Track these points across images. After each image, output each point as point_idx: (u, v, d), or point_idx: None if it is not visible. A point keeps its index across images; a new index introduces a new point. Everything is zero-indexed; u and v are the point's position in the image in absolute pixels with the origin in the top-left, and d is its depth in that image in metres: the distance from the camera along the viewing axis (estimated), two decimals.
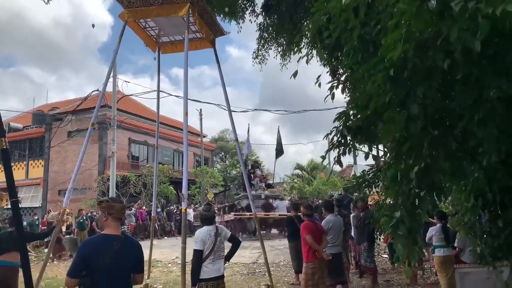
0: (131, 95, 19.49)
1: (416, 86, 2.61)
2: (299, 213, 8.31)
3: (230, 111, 8.91)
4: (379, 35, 2.93)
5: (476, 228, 5.79)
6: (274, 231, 17.34)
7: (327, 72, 8.54)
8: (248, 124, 21.36)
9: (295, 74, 4.71)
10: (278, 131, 22.78)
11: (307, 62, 5.11)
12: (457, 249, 6.98)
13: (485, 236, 5.73)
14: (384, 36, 2.62)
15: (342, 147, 3.81)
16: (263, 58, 10.83)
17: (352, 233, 8.43)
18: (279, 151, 20.81)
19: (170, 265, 11.76)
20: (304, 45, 7.79)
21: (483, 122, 2.75)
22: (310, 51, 8.13)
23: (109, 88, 16.58)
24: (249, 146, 20.19)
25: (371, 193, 6.16)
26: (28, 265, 3.78)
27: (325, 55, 5.78)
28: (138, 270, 3.21)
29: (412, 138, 3.07)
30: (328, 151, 3.87)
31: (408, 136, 3.16)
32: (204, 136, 31.21)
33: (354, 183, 6.29)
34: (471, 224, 5.94)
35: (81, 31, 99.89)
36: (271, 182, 20.33)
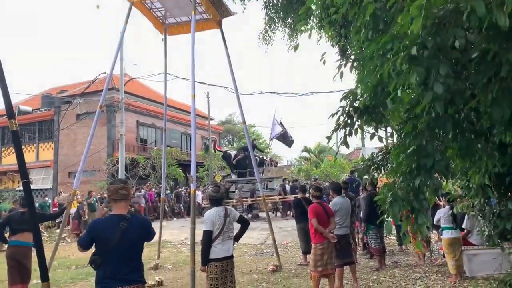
0: (138, 77, 19.48)
1: (436, 65, 2.55)
2: (306, 195, 8.37)
3: (237, 94, 8.88)
4: (391, 10, 2.86)
5: (486, 211, 5.77)
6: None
7: (336, 52, 8.43)
8: (275, 110, 21.17)
9: (296, 47, 4.63)
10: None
11: (309, 36, 5.01)
12: (465, 230, 6.98)
13: (494, 218, 5.72)
14: (400, 12, 2.55)
15: (349, 128, 3.76)
16: (269, 39, 10.67)
17: (361, 215, 8.46)
18: (285, 138, 19.87)
19: (179, 245, 11.94)
20: (310, 22, 7.68)
21: (496, 101, 2.70)
22: (319, 29, 8.02)
23: (117, 71, 16.57)
24: (274, 129, 19.80)
25: (380, 176, 6.14)
26: (41, 244, 3.87)
27: (332, 32, 5.69)
28: (148, 241, 3.38)
29: (413, 118, 3.04)
30: (334, 131, 3.83)
31: (412, 117, 3.12)
32: (211, 119, 31.17)
33: (362, 165, 6.27)
34: (481, 206, 5.92)
35: (89, 14, 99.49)
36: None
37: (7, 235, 6.76)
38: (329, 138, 4.02)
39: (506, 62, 2.45)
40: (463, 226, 6.99)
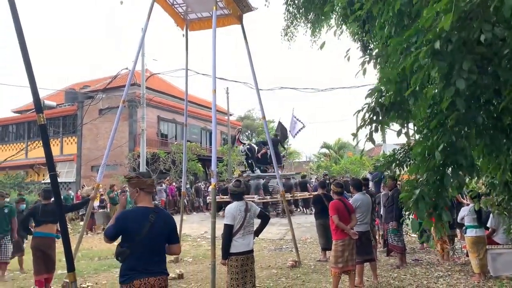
0: (159, 73, 19.68)
1: (460, 60, 2.50)
2: (325, 192, 8.33)
3: (257, 89, 8.89)
4: (415, 6, 2.81)
5: (511, 208, 5.63)
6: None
7: (357, 48, 8.33)
8: (293, 108, 20.75)
9: (322, 46, 4.60)
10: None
11: (334, 33, 4.97)
12: (489, 229, 6.83)
13: None
14: (426, 7, 2.51)
15: (374, 124, 3.72)
16: (291, 35, 10.61)
17: (381, 212, 8.37)
18: (283, 135, 19.68)
19: (199, 239, 12.08)
20: (334, 18, 7.60)
21: None
22: (340, 25, 7.94)
23: (138, 67, 16.80)
24: (295, 126, 19.63)
25: (402, 172, 6.05)
26: (67, 235, 3.99)
27: (356, 29, 5.62)
28: (173, 240, 3.32)
29: (440, 114, 2.98)
30: (359, 128, 3.79)
31: (437, 113, 3.06)
32: (230, 115, 31.30)
33: (383, 161, 6.20)
34: (506, 204, 5.77)
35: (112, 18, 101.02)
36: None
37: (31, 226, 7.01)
38: (354, 135, 3.99)
39: None
40: (488, 224, 6.83)
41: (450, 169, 3.12)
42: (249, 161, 18.22)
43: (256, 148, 18.44)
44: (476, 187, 7.98)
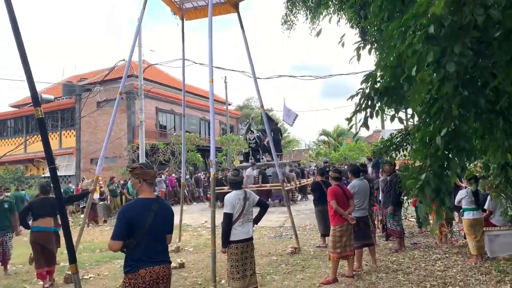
0: (156, 64, 19.59)
1: (452, 44, 2.51)
2: (324, 179, 8.38)
3: (255, 78, 8.87)
4: None
5: (508, 190, 5.69)
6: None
7: (355, 34, 8.31)
8: (284, 98, 20.70)
9: (318, 33, 4.60)
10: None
11: (329, 21, 4.97)
12: (487, 211, 6.90)
13: None
14: None
15: (369, 110, 3.74)
16: (291, 24, 10.56)
17: (380, 197, 8.44)
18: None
19: (199, 229, 12.17)
20: (332, 5, 7.56)
21: None
22: (338, 12, 7.92)
23: (135, 57, 16.71)
24: (289, 115, 19.64)
25: (398, 157, 6.09)
26: (68, 227, 4.03)
27: (352, 15, 5.62)
28: (169, 230, 3.39)
29: (442, 99, 2.98)
30: (354, 113, 3.82)
31: (437, 98, 3.07)
32: (229, 104, 31.24)
33: (381, 146, 6.23)
34: (503, 187, 5.83)
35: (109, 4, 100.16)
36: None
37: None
38: (349, 120, 4.01)
39: None
40: (485, 207, 6.90)
41: (451, 153, 3.14)
42: (258, 149, 18.00)
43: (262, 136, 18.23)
44: (474, 170, 8.05)
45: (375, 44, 4.46)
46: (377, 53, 4.78)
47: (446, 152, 3.08)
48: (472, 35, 2.61)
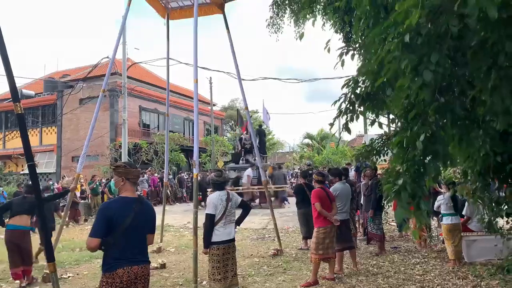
0: (140, 62, 19.45)
1: (429, 52, 2.57)
2: (307, 181, 8.43)
3: (240, 79, 8.87)
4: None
5: (485, 197, 5.82)
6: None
7: (339, 39, 8.38)
8: (263, 100, 20.92)
9: (301, 36, 4.64)
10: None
11: (313, 24, 5.02)
12: (465, 217, 7.04)
13: (493, 204, 5.77)
14: (398, 1, 2.57)
15: (350, 114, 3.79)
16: (278, 27, 10.56)
17: (361, 201, 8.52)
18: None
19: (182, 229, 12.08)
20: (315, 9, 7.61)
21: (495, 90, 2.72)
22: (323, 16, 7.97)
23: (119, 55, 16.51)
24: (268, 117, 20.01)
25: (379, 161, 6.17)
26: (46, 224, 3.97)
27: (335, 20, 5.66)
28: (151, 230, 3.35)
29: (419, 105, 3.05)
30: (336, 118, 3.87)
31: (415, 103, 3.13)
32: (214, 105, 31.15)
33: (363, 151, 6.31)
34: (480, 192, 5.96)
35: (96, 3, 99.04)
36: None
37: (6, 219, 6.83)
38: (331, 124, 4.06)
39: (502, 51, 2.46)
40: (463, 213, 7.05)
41: (427, 159, 3.21)
42: (251, 150, 17.87)
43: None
44: (452, 176, 8.20)
45: (361, 50, 4.51)
46: (360, 58, 4.84)
47: (422, 158, 3.14)
48: (448, 44, 2.67)
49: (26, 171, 25.17)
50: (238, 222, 4.87)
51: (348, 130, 3.88)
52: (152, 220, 3.34)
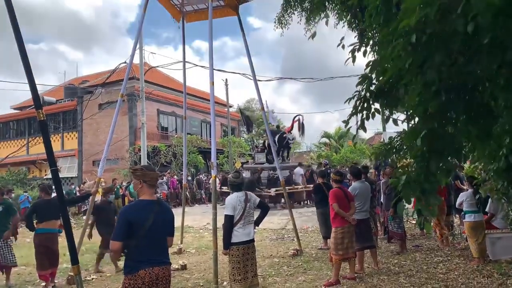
0: (157, 66, 19.67)
1: (434, 52, 2.55)
2: (325, 181, 8.39)
3: (255, 80, 8.90)
4: None
5: (510, 194, 5.68)
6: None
7: (355, 36, 8.31)
8: (266, 101, 20.85)
9: (313, 35, 4.62)
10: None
11: (326, 23, 4.99)
12: (488, 214, 6.89)
13: None
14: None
15: (366, 112, 3.76)
16: (285, 23, 10.50)
17: (381, 199, 8.43)
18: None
19: (201, 230, 12.17)
20: (329, 7, 7.57)
21: (506, 87, 2.68)
22: (336, 14, 7.91)
23: (136, 60, 16.74)
24: (274, 117, 20.14)
25: (399, 159, 6.09)
26: (70, 228, 4.06)
27: (347, 17, 5.61)
28: (170, 233, 3.41)
29: (425, 102, 3.02)
30: (351, 116, 3.84)
31: (423, 100, 3.10)
32: (230, 106, 31.29)
33: (383, 149, 6.24)
34: (504, 190, 5.82)
35: (111, 13, 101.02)
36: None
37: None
38: (346, 122, 4.03)
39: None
40: (487, 209, 6.89)
41: (431, 155, 3.19)
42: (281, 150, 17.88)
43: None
44: (476, 174, 8.03)
45: (375, 47, 4.46)
46: (374, 55, 4.79)
47: (427, 154, 3.11)
48: (457, 42, 2.63)
49: (49, 176, 25.81)
50: (257, 222, 4.88)
51: (364, 129, 3.84)
52: (170, 221, 3.38)
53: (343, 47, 3.99)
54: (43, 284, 6.47)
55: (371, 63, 3.44)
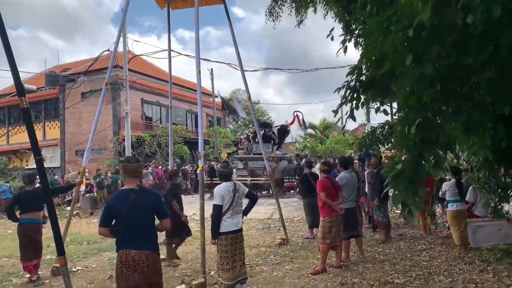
0: (141, 55, 19.35)
1: (431, 45, 2.58)
2: (312, 171, 8.45)
3: (242, 69, 8.83)
4: None
5: (491, 183, 5.83)
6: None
7: (341, 27, 8.33)
8: (218, 91, 21.45)
9: (299, 23, 4.63)
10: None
11: (315, 11, 4.98)
12: (469, 203, 7.06)
13: (499, 190, 5.78)
14: None
15: (355, 102, 3.80)
16: (277, 15, 10.46)
17: (366, 189, 8.54)
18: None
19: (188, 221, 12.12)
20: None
21: (498, 77, 2.73)
22: (325, 5, 7.91)
23: (119, 48, 16.44)
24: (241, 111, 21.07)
25: (383, 150, 6.18)
26: (56, 219, 4.00)
27: (338, 9, 5.62)
28: (160, 215, 3.60)
29: (418, 92, 3.06)
30: (340, 105, 3.87)
31: (414, 91, 3.14)
32: (215, 97, 31.07)
33: (367, 140, 6.31)
34: (486, 179, 5.98)
35: (94, 1, 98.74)
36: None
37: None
38: (335, 112, 4.06)
39: (503, 42, 2.46)
40: (467, 198, 7.05)
41: (425, 145, 3.23)
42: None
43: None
44: (457, 164, 8.19)
45: (361, 38, 4.49)
46: (360, 46, 4.82)
47: (420, 145, 3.16)
48: (452, 35, 2.67)
49: (31, 166, 25.29)
50: (245, 212, 4.90)
51: (353, 118, 3.89)
52: (152, 206, 3.51)
53: (332, 38, 4.00)
54: (28, 276, 6.37)
55: (363, 54, 3.46)
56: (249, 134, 18.66)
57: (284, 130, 18.90)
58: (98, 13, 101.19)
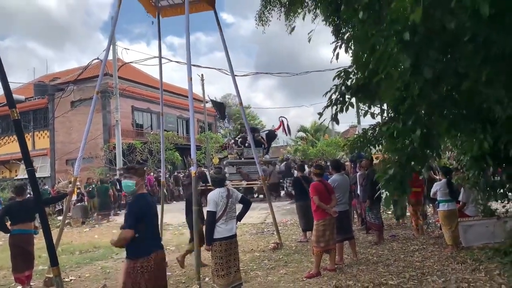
0: (131, 62, 19.31)
1: (427, 49, 2.63)
2: (304, 174, 8.49)
3: (233, 74, 8.87)
4: None
5: (480, 182, 5.92)
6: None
7: (331, 31, 8.40)
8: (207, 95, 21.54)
9: (292, 30, 4.70)
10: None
11: (303, 18, 5.04)
12: (460, 203, 7.14)
13: (488, 188, 5.87)
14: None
15: (340, 105, 3.87)
16: (266, 20, 10.51)
17: (358, 191, 8.60)
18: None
19: (180, 227, 12.08)
20: (305, 4, 7.62)
21: (490, 81, 2.78)
22: (314, 9, 7.97)
23: (109, 56, 16.39)
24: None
25: (374, 152, 6.24)
26: (49, 229, 3.97)
27: (328, 13, 5.69)
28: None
29: (410, 98, 3.11)
30: (325, 108, 3.94)
31: (407, 96, 3.19)
32: (206, 102, 31.06)
33: (359, 142, 6.36)
34: (475, 178, 6.06)
35: (84, 10, 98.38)
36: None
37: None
38: (320, 114, 4.13)
39: (494, 45, 2.52)
40: (459, 198, 7.14)
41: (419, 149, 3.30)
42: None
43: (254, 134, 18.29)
44: (448, 163, 8.30)
45: (351, 42, 4.54)
46: (350, 50, 4.89)
47: (416, 148, 3.22)
48: (444, 40, 2.72)
49: (20, 177, 24.99)
50: (239, 217, 4.91)
51: (337, 121, 3.96)
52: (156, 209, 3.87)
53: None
54: (20, 287, 6.30)
55: (354, 58, 3.51)
56: (237, 139, 18.57)
57: (272, 135, 19.06)
58: (87, 22, 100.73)
